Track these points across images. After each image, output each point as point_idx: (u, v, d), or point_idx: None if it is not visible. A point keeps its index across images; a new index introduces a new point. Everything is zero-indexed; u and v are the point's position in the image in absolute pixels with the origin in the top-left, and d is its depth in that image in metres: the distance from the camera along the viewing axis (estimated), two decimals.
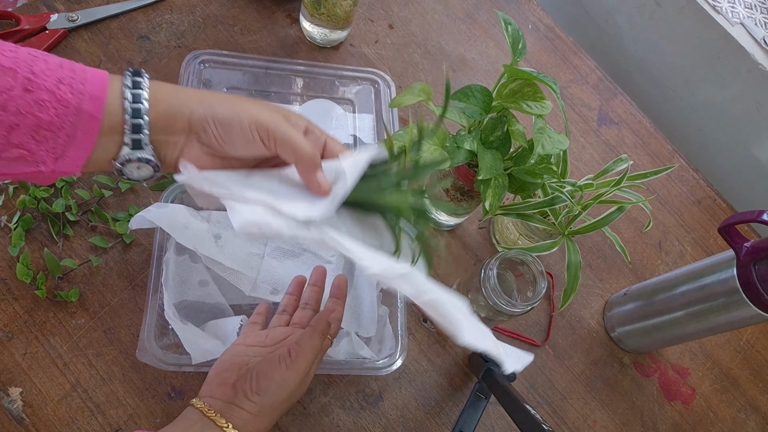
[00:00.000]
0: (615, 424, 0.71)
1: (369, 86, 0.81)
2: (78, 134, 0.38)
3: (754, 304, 0.58)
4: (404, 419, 0.65)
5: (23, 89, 0.36)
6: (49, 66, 0.37)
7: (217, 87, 0.75)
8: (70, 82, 0.37)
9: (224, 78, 0.76)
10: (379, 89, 0.81)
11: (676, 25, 0.96)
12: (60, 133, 0.38)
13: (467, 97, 0.59)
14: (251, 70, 0.77)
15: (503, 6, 0.96)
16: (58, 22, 0.74)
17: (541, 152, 0.55)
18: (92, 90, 0.38)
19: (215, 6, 0.82)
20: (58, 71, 0.37)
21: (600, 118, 0.92)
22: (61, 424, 0.57)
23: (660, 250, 0.84)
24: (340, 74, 0.80)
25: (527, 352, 0.48)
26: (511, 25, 0.60)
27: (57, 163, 0.39)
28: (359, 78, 0.81)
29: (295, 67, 0.78)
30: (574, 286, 0.65)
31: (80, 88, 0.38)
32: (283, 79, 0.78)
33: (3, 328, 0.60)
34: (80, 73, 0.38)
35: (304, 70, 0.79)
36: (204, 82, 0.74)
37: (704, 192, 0.91)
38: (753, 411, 0.77)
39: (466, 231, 0.78)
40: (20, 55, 0.36)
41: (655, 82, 1.04)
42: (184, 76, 0.72)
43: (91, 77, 0.38)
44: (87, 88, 0.38)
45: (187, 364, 0.57)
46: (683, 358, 0.78)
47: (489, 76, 0.90)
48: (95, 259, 0.63)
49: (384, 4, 0.90)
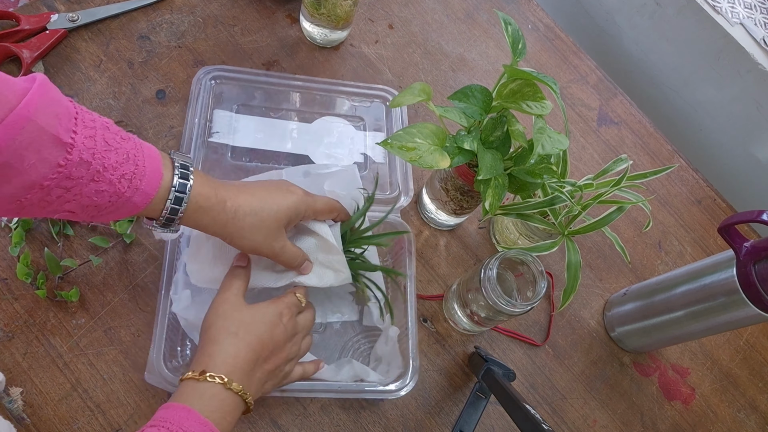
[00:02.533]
0: (615, 424, 0.71)
1: (380, 103, 0.80)
2: (121, 212, 0.45)
3: (753, 304, 0.58)
4: (404, 419, 0.65)
5: (91, 179, 0.42)
6: (119, 159, 0.43)
7: (228, 102, 0.74)
8: (131, 177, 0.44)
9: (236, 93, 0.75)
10: (393, 109, 0.80)
11: (676, 25, 0.96)
12: (106, 210, 0.44)
13: (467, 97, 0.59)
14: (263, 87, 0.76)
15: (503, 6, 0.96)
16: (58, 22, 0.74)
17: (541, 152, 0.55)
18: (146, 188, 0.45)
19: (215, 6, 0.82)
20: (124, 166, 0.43)
21: (600, 118, 0.92)
22: (61, 424, 0.57)
23: (660, 250, 0.84)
24: (352, 91, 0.79)
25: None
26: (511, 25, 0.60)
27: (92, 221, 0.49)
28: (371, 95, 0.80)
29: (308, 84, 0.77)
30: (573, 286, 0.65)
31: (137, 184, 0.44)
32: (294, 96, 0.78)
33: (3, 328, 0.60)
34: (141, 168, 0.44)
35: (315, 87, 0.78)
36: (216, 96, 0.74)
37: (704, 192, 0.91)
38: (753, 411, 0.77)
39: (466, 231, 0.78)
40: (97, 143, 0.42)
41: (655, 82, 1.04)
42: (195, 92, 0.71)
43: (149, 172, 0.45)
44: (142, 185, 0.44)
45: None
46: (683, 357, 0.78)
47: (489, 76, 0.90)
48: (95, 259, 0.63)
49: (384, 4, 0.90)
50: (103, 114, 0.70)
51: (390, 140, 0.55)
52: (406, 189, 0.72)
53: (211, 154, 0.71)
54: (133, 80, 0.75)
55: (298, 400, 0.63)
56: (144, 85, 0.75)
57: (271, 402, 0.62)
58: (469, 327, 0.69)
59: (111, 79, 0.74)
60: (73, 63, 0.74)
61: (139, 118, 0.73)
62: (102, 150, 0.42)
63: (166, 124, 0.73)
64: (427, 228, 0.76)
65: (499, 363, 0.63)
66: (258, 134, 0.73)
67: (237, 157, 0.71)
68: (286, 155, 0.73)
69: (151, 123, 0.73)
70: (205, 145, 0.70)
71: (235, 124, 0.73)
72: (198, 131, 0.70)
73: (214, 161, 0.70)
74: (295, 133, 0.75)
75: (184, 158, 0.48)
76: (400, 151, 0.55)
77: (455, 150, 0.58)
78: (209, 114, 0.72)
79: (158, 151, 0.47)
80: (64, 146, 0.40)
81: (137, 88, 0.74)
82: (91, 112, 0.43)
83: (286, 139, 0.74)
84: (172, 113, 0.74)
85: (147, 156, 0.45)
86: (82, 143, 0.41)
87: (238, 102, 0.75)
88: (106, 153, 0.42)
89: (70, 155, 0.40)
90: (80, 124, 0.41)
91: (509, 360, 0.72)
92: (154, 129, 0.72)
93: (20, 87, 0.38)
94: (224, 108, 0.74)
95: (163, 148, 0.72)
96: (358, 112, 0.79)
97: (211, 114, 0.72)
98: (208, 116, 0.72)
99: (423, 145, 0.56)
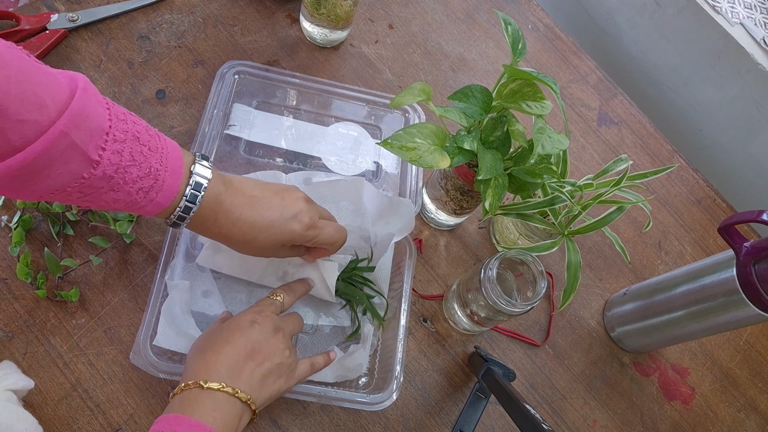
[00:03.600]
0: (615, 424, 0.71)
1: (400, 116, 0.81)
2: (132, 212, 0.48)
3: (753, 304, 0.58)
4: (404, 419, 0.65)
5: (110, 189, 0.43)
6: (140, 173, 0.44)
7: (249, 98, 0.75)
8: (148, 190, 0.45)
9: (256, 91, 0.76)
10: (409, 119, 0.80)
11: (676, 25, 0.96)
12: (118, 210, 0.46)
13: (467, 97, 0.59)
14: (284, 86, 0.78)
15: (503, 6, 0.96)
16: (58, 22, 0.74)
17: (541, 152, 0.55)
18: (161, 200, 0.46)
19: (215, 6, 0.82)
20: (144, 180, 0.45)
21: (600, 118, 0.92)
22: (61, 424, 0.57)
23: (660, 250, 0.84)
24: (372, 100, 0.79)
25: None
26: (511, 25, 0.60)
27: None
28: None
29: (329, 88, 0.78)
30: (573, 286, 0.65)
31: (153, 196, 0.46)
32: (315, 98, 0.79)
33: (3, 328, 0.60)
34: (160, 183, 0.46)
35: (337, 92, 0.78)
36: (237, 91, 0.75)
37: (704, 192, 0.91)
38: (752, 411, 0.77)
39: (466, 231, 0.78)
40: (123, 158, 0.43)
41: (655, 82, 1.04)
42: (219, 85, 0.73)
43: (167, 187, 0.46)
44: (158, 198, 0.46)
45: (177, 373, 0.58)
46: (683, 357, 0.78)
47: (489, 76, 0.90)
48: (95, 259, 0.63)
49: (384, 4, 0.90)
50: None
51: (390, 140, 0.55)
52: (416, 199, 0.73)
53: (225, 145, 0.72)
54: (133, 80, 0.75)
55: (297, 399, 0.63)
56: (144, 85, 0.75)
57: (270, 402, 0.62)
58: (469, 327, 0.69)
59: (111, 79, 0.74)
60: (73, 63, 0.74)
61: None
62: (126, 164, 0.43)
63: (166, 124, 0.73)
64: (427, 228, 0.76)
65: (499, 363, 0.63)
66: (273, 131, 0.75)
67: (250, 151, 0.73)
68: (298, 155, 0.74)
69: (151, 123, 0.73)
70: (220, 136, 0.72)
71: (252, 119, 0.74)
72: (215, 122, 0.71)
73: (227, 153, 0.72)
74: (310, 134, 0.76)
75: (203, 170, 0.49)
76: (400, 151, 0.55)
77: (455, 150, 0.58)
78: (228, 107, 0.74)
79: (182, 162, 0.48)
80: (91, 163, 0.41)
81: (137, 88, 0.74)
82: (127, 116, 0.44)
83: (301, 139, 0.75)
84: (172, 113, 0.74)
85: (170, 170, 0.46)
86: (108, 159, 0.42)
87: (259, 99, 0.76)
88: (130, 167, 0.43)
89: (94, 170, 0.42)
90: (111, 139, 0.42)
91: (509, 360, 0.72)
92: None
93: (62, 96, 0.39)
94: (244, 103, 0.75)
95: None
96: (376, 121, 0.80)
97: (230, 107, 0.74)
98: (227, 109, 0.74)
99: (423, 145, 0.56)
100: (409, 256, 0.68)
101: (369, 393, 0.62)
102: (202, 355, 0.51)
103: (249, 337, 0.52)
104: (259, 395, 0.51)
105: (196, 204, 0.48)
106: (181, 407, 0.47)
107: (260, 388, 0.51)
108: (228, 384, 0.48)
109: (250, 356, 0.51)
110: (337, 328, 0.67)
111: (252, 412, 0.50)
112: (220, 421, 0.46)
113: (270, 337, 0.53)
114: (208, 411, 0.46)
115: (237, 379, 0.49)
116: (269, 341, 0.53)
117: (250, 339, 0.52)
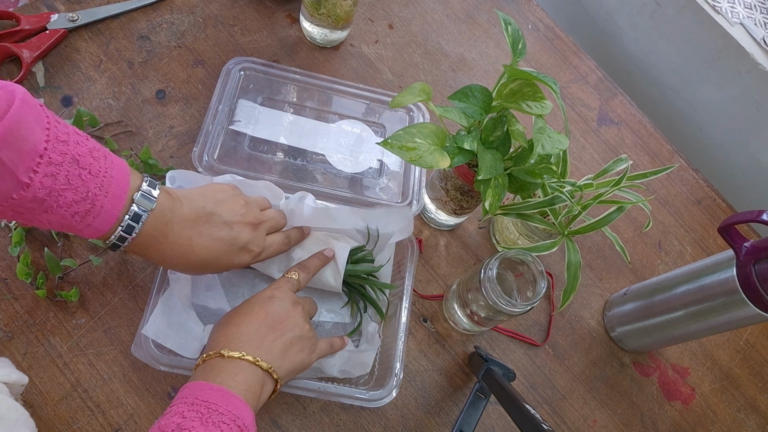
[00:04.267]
0: (615, 424, 0.71)
1: (404, 114, 0.81)
2: (70, 232, 0.47)
3: (753, 303, 0.58)
4: (404, 419, 0.65)
5: (43, 211, 0.42)
6: (76, 197, 0.43)
7: (254, 95, 0.76)
8: (84, 214, 0.44)
9: (262, 87, 0.77)
10: (414, 118, 0.80)
11: (676, 25, 0.96)
12: (56, 229, 0.46)
13: (467, 97, 0.59)
14: (289, 84, 0.78)
15: (503, 6, 0.96)
16: (58, 22, 0.74)
17: (541, 152, 0.55)
18: (98, 225, 0.45)
19: (215, 6, 0.82)
20: (80, 204, 0.43)
21: (600, 118, 0.92)
22: (61, 424, 0.57)
23: (660, 250, 0.84)
24: (376, 98, 0.80)
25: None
26: (511, 25, 0.60)
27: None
28: None
29: (333, 86, 0.78)
30: (573, 286, 0.65)
31: (89, 221, 0.44)
32: (319, 95, 0.79)
33: (3, 328, 0.60)
34: (97, 208, 0.44)
35: (341, 89, 0.79)
36: (243, 86, 0.76)
37: (704, 192, 0.91)
38: (752, 411, 0.77)
39: (466, 231, 0.78)
40: (57, 182, 0.41)
41: (655, 82, 1.04)
42: (224, 81, 0.73)
43: (106, 211, 0.45)
44: (95, 223, 0.45)
45: (178, 366, 0.58)
46: (683, 357, 0.78)
47: (489, 76, 0.90)
48: (95, 259, 0.63)
49: (384, 4, 0.90)
50: (103, 114, 0.71)
51: (390, 140, 0.55)
52: (419, 197, 0.73)
53: (229, 140, 0.72)
54: (133, 80, 0.75)
55: (297, 399, 0.63)
56: (144, 85, 0.75)
57: (270, 402, 0.62)
58: (469, 327, 0.69)
59: (111, 79, 0.74)
60: (73, 63, 0.74)
61: (139, 118, 0.73)
62: (61, 188, 0.42)
63: (166, 124, 0.73)
64: (427, 228, 0.76)
65: (499, 363, 0.63)
66: (278, 127, 0.75)
67: (254, 147, 0.73)
68: (301, 151, 0.75)
69: (151, 123, 0.73)
70: (225, 131, 0.72)
71: (257, 115, 0.75)
72: (220, 117, 0.72)
73: (231, 148, 0.72)
74: (314, 131, 0.76)
75: (146, 199, 0.47)
76: (400, 150, 0.55)
77: (455, 150, 0.58)
78: (234, 103, 0.74)
79: (127, 188, 0.46)
80: (21, 185, 0.40)
81: (137, 88, 0.74)
82: (70, 137, 0.42)
83: (305, 136, 0.76)
84: (172, 113, 0.74)
85: (110, 195, 0.45)
86: (40, 182, 0.40)
87: (264, 95, 0.77)
88: (65, 191, 0.42)
89: (24, 192, 0.40)
90: (45, 162, 0.40)
91: (509, 360, 0.72)
92: (154, 129, 0.73)
93: None
94: (249, 99, 0.76)
95: (163, 148, 0.72)
96: (381, 119, 0.80)
97: (235, 103, 0.74)
98: (233, 105, 0.74)
99: (423, 145, 0.56)
100: (411, 255, 0.68)
101: (369, 389, 0.62)
102: (224, 328, 0.52)
103: (269, 310, 0.53)
104: (281, 364, 0.51)
105: (131, 235, 0.47)
106: (203, 375, 0.48)
107: (282, 357, 0.51)
108: (249, 353, 0.49)
109: (271, 327, 0.52)
110: (339, 325, 0.67)
111: (274, 381, 0.51)
112: (243, 385, 0.47)
113: (290, 309, 0.54)
114: (230, 376, 0.47)
115: (258, 348, 0.50)
116: (289, 313, 0.54)
117: (271, 311, 0.53)
